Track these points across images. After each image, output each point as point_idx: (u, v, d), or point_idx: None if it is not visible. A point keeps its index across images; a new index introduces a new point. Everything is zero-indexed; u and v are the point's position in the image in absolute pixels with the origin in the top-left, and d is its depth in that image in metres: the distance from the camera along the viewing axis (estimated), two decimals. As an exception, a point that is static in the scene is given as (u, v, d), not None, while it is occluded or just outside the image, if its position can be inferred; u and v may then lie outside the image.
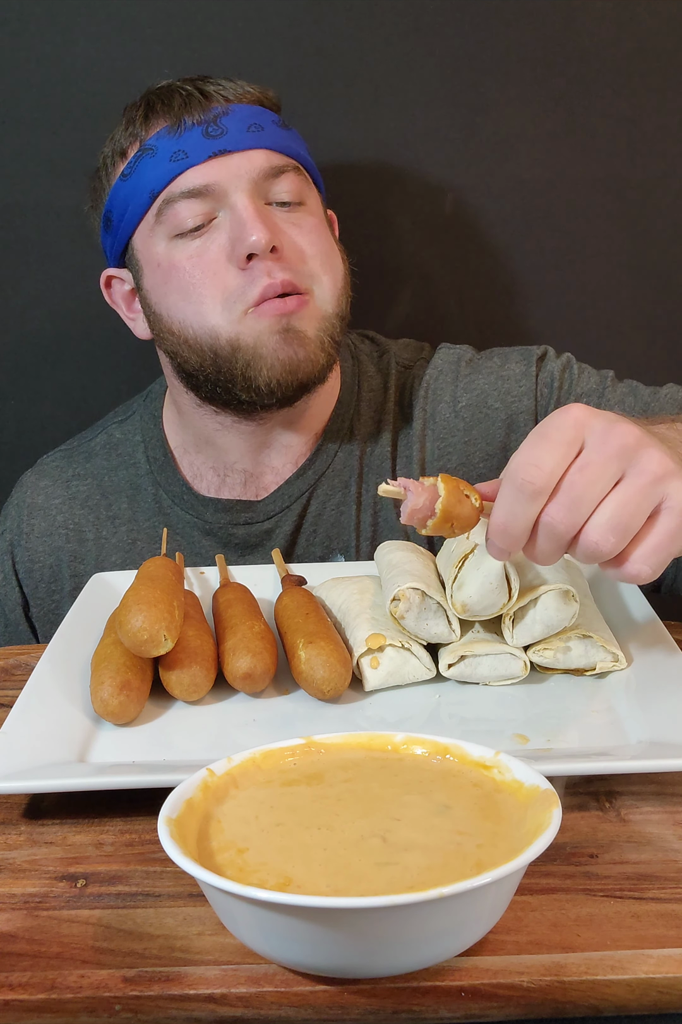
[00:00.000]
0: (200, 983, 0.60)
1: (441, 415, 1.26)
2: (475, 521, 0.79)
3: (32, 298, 1.49)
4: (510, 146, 1.45)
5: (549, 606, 0.89)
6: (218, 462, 1.26)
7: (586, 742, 0.83)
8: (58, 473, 1.31)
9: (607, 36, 1.42)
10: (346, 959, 0.58)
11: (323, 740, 0.72)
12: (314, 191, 1.22)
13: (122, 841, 0.75)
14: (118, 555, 1.26)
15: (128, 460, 1.30)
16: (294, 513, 1.24)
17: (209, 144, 1.12)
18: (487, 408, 1.25)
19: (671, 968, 0.60)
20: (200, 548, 1.25)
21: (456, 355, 1.29)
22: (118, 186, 1.18)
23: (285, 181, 1.15)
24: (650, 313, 1.53)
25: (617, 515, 0.73)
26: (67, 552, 1.27)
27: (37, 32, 1.40)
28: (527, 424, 1.23)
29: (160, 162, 1.13)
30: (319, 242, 1.17)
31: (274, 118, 1.18)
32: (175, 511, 1.26)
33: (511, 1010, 0.59)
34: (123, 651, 0.89)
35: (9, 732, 0.83)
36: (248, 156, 1.13)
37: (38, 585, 1.28)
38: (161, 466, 1.28)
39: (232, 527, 1.24)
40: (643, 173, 1.47)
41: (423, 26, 1.41)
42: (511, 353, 1.28)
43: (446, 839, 0.62)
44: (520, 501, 0.73)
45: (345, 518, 1.25)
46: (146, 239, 1.17)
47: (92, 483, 1.29)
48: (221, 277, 1.13)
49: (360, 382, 1.29)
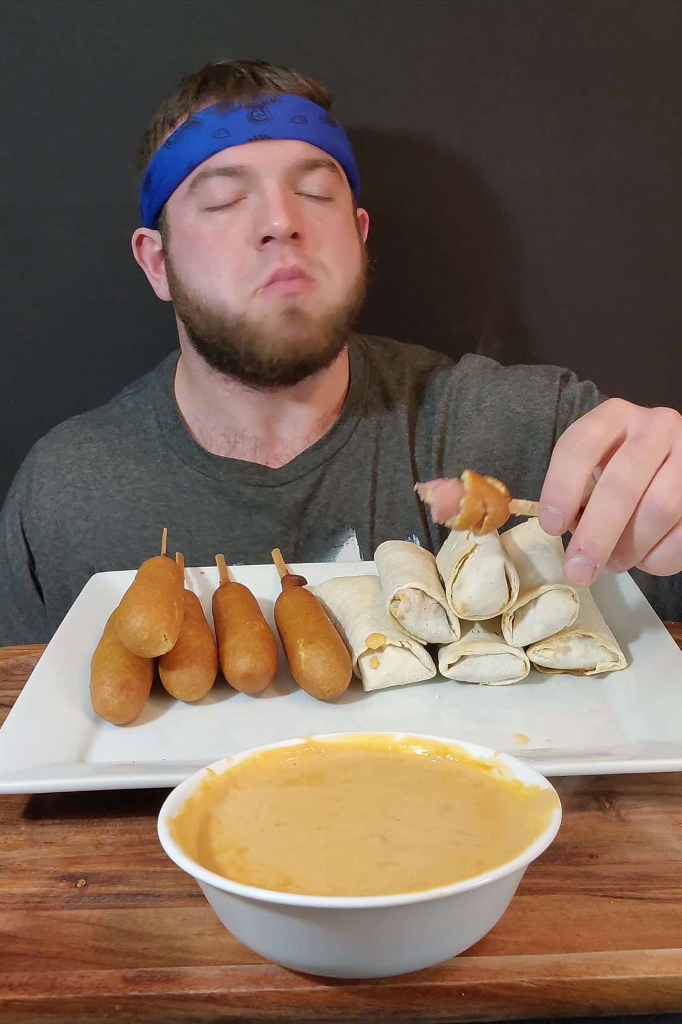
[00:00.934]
0: (200, 983, 0.60)
1: (464, 411, 1.29)
2: (504, 512, 0.81)
3: (32, 298, 1.49)
4: (511, 145, 1.46)
5: (549, 606, 0.89)
6: (229, 428, 1.29)
7: (586, 742, 0.83)
8: (70, 437, 1.34)
9: (611, 36, 1.43)
10: (346, 959, 0.58)
11: (323, 740, 0.72)
12: (347, 190, 1.25)
13: (122, 841, 0.75)
14: (122, 511, 1.28)
15: (139, 426, 1.33)
16: (307, 483, 1.27)
17: (252, 128, 1.16)
18: (509, 411, 1.29)
19: (671, 968, 0.60)
20: (208, 506, 1.27)
21: (482, 362, 1.34)
22: (162, 152, 1.22)
23: (318, 175, 1.19)
24: (651, 313, 1.53)
25: (678, 476, 0.76)
26: (73, 509, 1.29)
27: (37, 32, 1.40)
28: (546, 432, 1.28)
29: (203, 136, 1.18)
30: (338, 239, 1.20)
31: (321, 113, 1.21)
32: (185, 470, 1.29)
33: (511, 1010, 0.59)
34: (123, 651, 0.89)
35: (9, 732, 0.83)
36: (286, 145, 1.17)
37: (43, 541, 1.30)
38: (172, 430, 1.31)
39: (242, 485, 1.27)
40: (645, 173, 1.47)
41: (424, 26, 1.41)
42: (536, 368, 1.32)
43: (446, 839, 0.62)
44: (572, 459, 0.77)
45: (359, 495, 1.27)
46: (179, 207, 1.21)
47: (102, 445, 1.32)
48: (239, 256, 1.17)
49: (371, 377, 1.33)
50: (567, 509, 0.77)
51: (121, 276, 1.47)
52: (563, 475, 0.77)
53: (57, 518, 1.30)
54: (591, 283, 1.51)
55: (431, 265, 1.51)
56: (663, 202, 1.48)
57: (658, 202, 1.48)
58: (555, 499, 0.77)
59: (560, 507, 0.77)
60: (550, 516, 0.78)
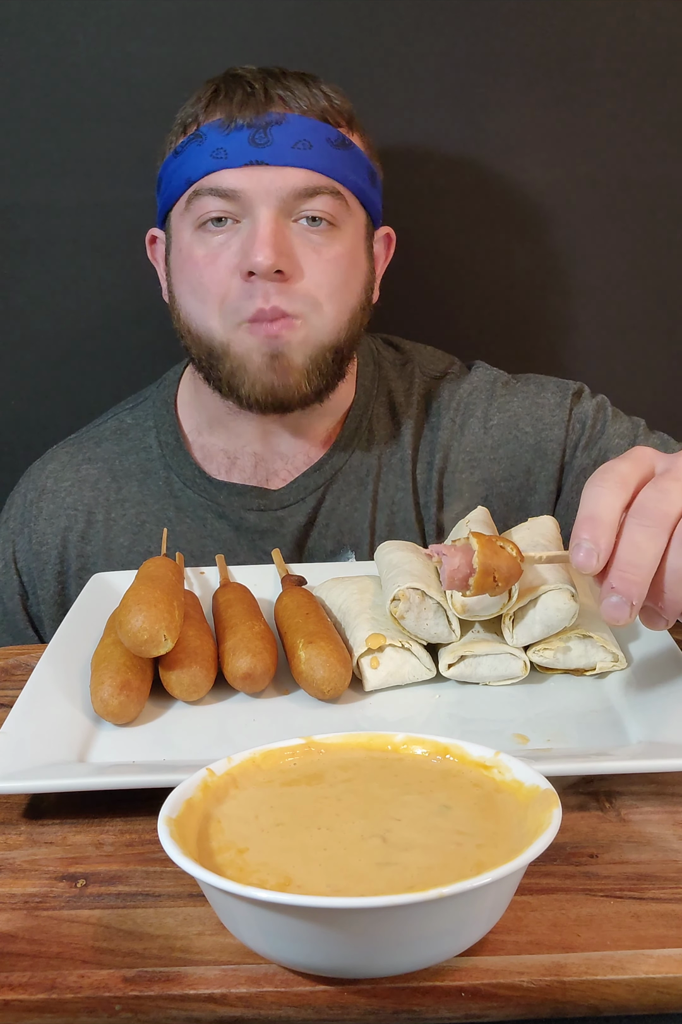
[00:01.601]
0: (200, 983, 0.60)
1: (470, 428, 1.28)
2: (517, 571, 0.80)
3: (32, 298, 1.49)
4: (513, 145, 1.46)
5: (549, 606, 0.89)
6: (229, 444, 1.28)
7: (586, 742, 0.83)
8: (68, 459, 1.31)
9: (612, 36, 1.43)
10: (346, 959, 0.58)
11: (323, 740, 0.72)
12: (356, 217, 1.20)
13: (122, 841, 0.75)
14: (126, 537, 1.27)
15: (139, 444, 1.31)
16: (308, 506, 1.26)
17: (250, 151, 1.13)
18: (518, 430, 1.27)
19: (671, 968, 0.60)
20: (212, 531, 1.26)
21: (493, 375, 1.31)
22: (170, 159, 1.21)
23: (319, 202, 1.15)
24: (653, 314, 1.53)
25: None
26: (75, 532, 1.28)
27: (37, 32, 1.40)
28: (554, 453, 1.26)
29: (204, 153, 1.15)
30: (333, 272, 1.16)
31: (331, 135, 1.16)
32: (186, 493, 1.27)
33: (511, 1010, 0.59)
34: (123, 651, 0.89)
35: (9, 732, 0.83)
36: (284, 173, 1.13)
37: (45, 567, 1.28)
38: (173, 450, 1.29)
39: (244, 511, 1.26)
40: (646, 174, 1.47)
41: (424, 26, 1.41)
42: (547, 383, 1.30)
43: (446, 839, 0.62)
44: (604, 492, 0.75)
45: (359, 515, 1.26)
46: (178, 220, 1.20)
47: (102, 466, 1.30)
48: (226, 284, 1.15)
49: (379, 387, 1.31)
50: (602, 541, 0.74)
51: (121, 276, 1.47)
52: (595, 506, 0.75)
53: (58, 542, 1.28)
54: (592, 283, 1.51)
55: (431, 265, 1.51)
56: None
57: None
58: (589, 532, 0.74)
59: (594, 539, 0.74)
60: (584, 551, 0.74)
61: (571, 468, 1.27)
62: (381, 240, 1.27)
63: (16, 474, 1.35)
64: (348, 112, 1.20)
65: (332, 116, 1.18)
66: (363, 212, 1.22)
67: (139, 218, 1.32)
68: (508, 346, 1.50)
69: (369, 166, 1.21)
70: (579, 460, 1.26)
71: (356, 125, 1.21)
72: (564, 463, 1.27)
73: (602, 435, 1.26)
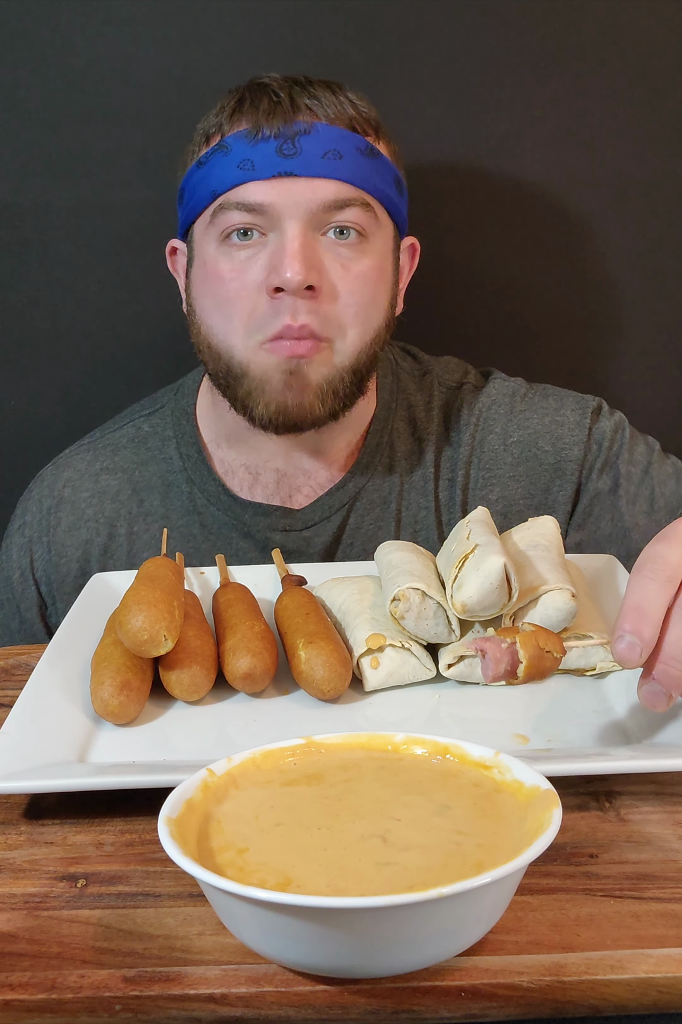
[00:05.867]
0: (200, 983, 0.60)
1: (490, 445, 1.26)
2: (558, 664, 0.81)
3: (32, 298, 1.49)
4: (512, 144, 1.46)
5: (549, 606, 0.89)
6: (250, 459, 1.26)
7: (586, 742, 0.83)
8: (85, 467, 1.29)
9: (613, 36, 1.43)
10: (346, 959, 0.58)
11: (323, 740, 0.72)
12: (384, 228, 1.18)
13: (122, 841, 0.75)
14: (149, 552, 1.24)
15: (159, 455, 1.29)
16: (333, 525, 1.25)
17: (278, 162, 1.09)
18: (537, 448, 1.26)
19: (671, 968, 0.60)
20: (238, 549, 1.24)
21: (511, 388, 1.30)
22: (193, 169, 1.17)
23: (349, 214, 1.12)
24: (654, 314, 1.53)
25: None
26: (97, 546, 1.26)
27: (37, 32, 1.40)
28: (573, 474, 1.25)
29: (230, 164, 1.12)
30: (361, 290, 1.14)
31: (360, 144, 1.13)
32: (210, 511, 1.26)
33: (511, 1010, 0.59)
34: (123, 651, 0.89)
35: (9, 732, 0.83)
36: (314, 185, 1.10)
37: (65, 579, 1.26)
38: (195, 464, 1.27)
39: (270, 532, 1.24)
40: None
41: (424, 25, 1.42)
42: (566, 397, 1.29)
43: (446, 839, 0.62)
44: (653, 585, 0.74)
45: (383, 533, 1.25)
46: (202, 233, 1.17)
47: (122, 477, 1.28)
48: (252, 300, 1.12)
49: (398, 400, 1.29)
50: (646, 635, 0.73)
51: (121, 276, 1.47)
52: (643, 599, 0.73)
53: (79, 555, 1.26)
54: (592, 284, 1.51)
55: (432, 266, 1.51)
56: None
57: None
58: (634, 625, 0.73)
59: (637, 632, 0.73)
60: (626, 643, 0.73)
61: (586, 490, 1.26)
62: (406, 251, 1.25)
63: (16, 473, 1.35)
64: (375, 120, 1.17)
65: (360, 125, 1.15)
66: (391, 222, 1.19)
67: (139, 218, 1.32)
68: (508, 347, 1.50)
69: (396, 174, 1.19)
70: (594, 484, 1.25)
71: (383, 133, 1.18)
72: (581, 483, 1.26)
73: (618, 458, 1.25)
